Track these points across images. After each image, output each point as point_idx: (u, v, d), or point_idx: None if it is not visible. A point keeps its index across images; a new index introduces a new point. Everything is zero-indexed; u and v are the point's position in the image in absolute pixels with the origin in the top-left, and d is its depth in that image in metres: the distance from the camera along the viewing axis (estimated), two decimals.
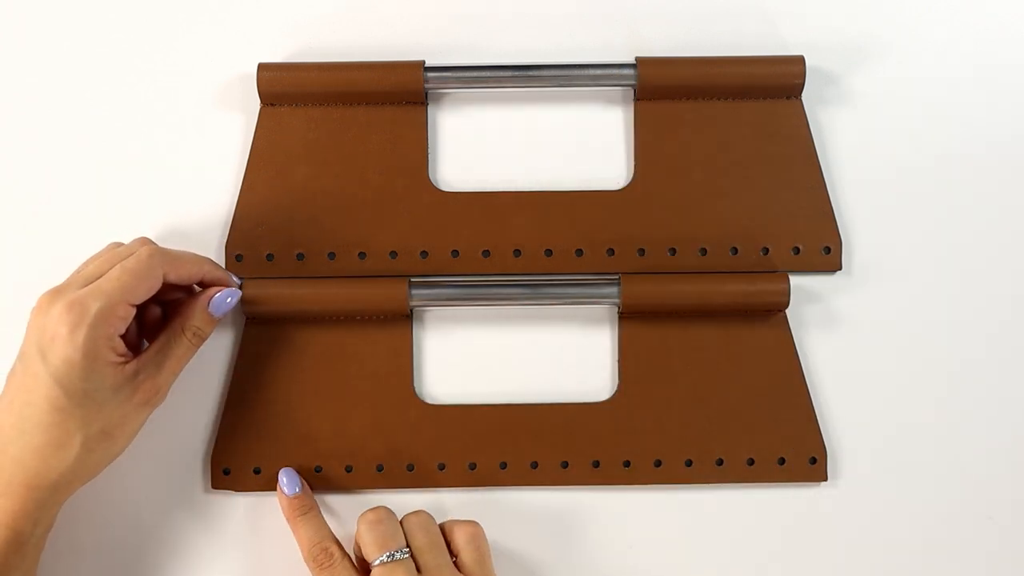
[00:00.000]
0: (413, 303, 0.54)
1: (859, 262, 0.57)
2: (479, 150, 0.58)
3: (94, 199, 0.57)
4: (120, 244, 0.52)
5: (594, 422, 0.54)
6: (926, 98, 0.59)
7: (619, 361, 0.55)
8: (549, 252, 0.56)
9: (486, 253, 0.56)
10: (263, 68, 0.56)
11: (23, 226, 0.57)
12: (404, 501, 0.54)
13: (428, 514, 0.51)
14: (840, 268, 0.57)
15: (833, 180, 0.58)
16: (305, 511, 0.52)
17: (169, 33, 0.58)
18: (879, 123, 0.59)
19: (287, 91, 0.56)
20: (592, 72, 0.57)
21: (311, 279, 0.55)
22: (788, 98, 0.57)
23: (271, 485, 0.54)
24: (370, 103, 0.57)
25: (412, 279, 0.54)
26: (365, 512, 0.51)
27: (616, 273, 0.55)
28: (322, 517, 0.52)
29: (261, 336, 0.54)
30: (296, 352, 0.54)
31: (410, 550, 0.49)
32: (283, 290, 0.53)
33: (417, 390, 0.55)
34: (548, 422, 0.54)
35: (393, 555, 0.48)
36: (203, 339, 0.51)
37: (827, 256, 0.57)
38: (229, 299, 0.51)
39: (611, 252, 0.56)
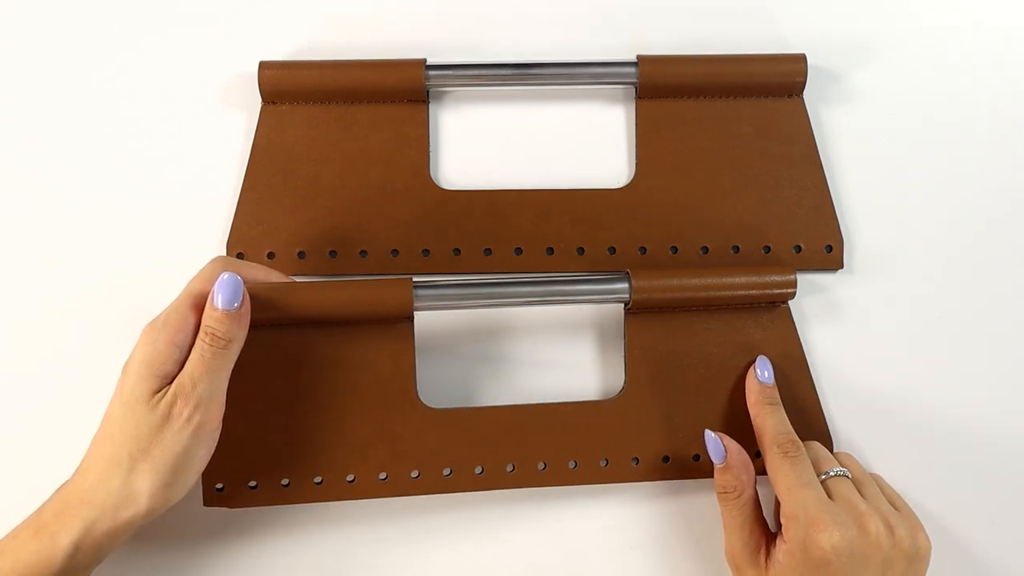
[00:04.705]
0: (418, 305, 0.52)
1: (861, 260, 0.57)
2: (480, 148, 0.58)
3: (95, 198, 0.56)
4: (230, 263, 0.50)
5: (602, 420, 0.54)
6: (927, 97, 0.59)
7: (626, 357, 0.54)
8: (551, 250, 0.56)
9: (487, 251, 0.56)
10: (264, 66, 0.56)
11: (24, 224, 0.56)
12: (407, 502, 0.54)
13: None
14: (842, 267, 0.57)
15: (835, 178, 0.58)
16: (775, 402, 0.53)
17: (170, 32, 0.58)
18: (880, 122, 0.59)
19: (288, 89, 0.56)
20: (593, 70, 0.57)
21: (311, 280, 0.54)
22: (790, 96, 0.58)
23: (267, 500, 0.52)
24: (371, 101, 0.57)
25: (416, 281, 0.52)
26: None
27: (624, 270, 0.54)
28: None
29: (258, 343, 0.51)
30: (294, 359, 0.52)
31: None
32: (283, 295, 0.50)
33: (420, 395, 0.53)
34: (556, 422, 0.53)
35: (838, 472, 0.50)
36: (222, 339, 0.46)
37: (829, 255, 0.57)
38: (226, 276, 0.47)
39: (612, 251, 0.56)
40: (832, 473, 0.50)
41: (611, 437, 0.53)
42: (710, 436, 0.51)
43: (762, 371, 0.53)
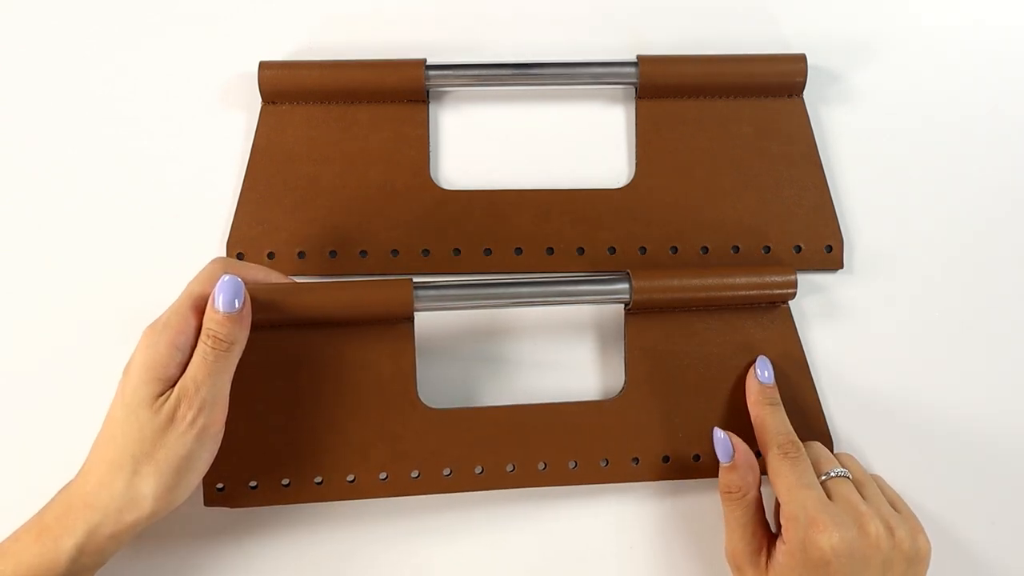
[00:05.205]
0: (418, 305, 0.52)
1: (861, 260, 0.57)
2: (480, 148, 0.58)
3: (95, 198, 0.56)
4: (230, 263, 0.49)
5: (602, 421, 0.54)
6: (927, 97, 0.59)
7: (626, 357, 0.54)
8: (550, 251, 0.56)
9: (487, 251, 0.56)
10: (264, 66, 0.56)
11: (24, 224, 0.56)
12: (407, 502, 0.54)
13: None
14: (841, 267, 0.57)
15: (835, 178, 0.58)
16: (775, 402, 0.52)
17: (170, 32, 0.58)
18: (880, 122, 0.59)
19: (288, 89, 0.56)
20: (593, 70, 0.57)
21: (311, 280, 0.54)
22: (790, 96, 0.58)
23: (268, 500, 0.52)
24: (372, 101, 0.57)
25: (416, 282, 0.52)
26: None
27: (625, 270, 0.54)
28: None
29: (258, 344, 0.50)
30: (295, 360, 0.52)
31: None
32: (283, 296, 0.50)
33: (421, 395, 0.53)
34: (556, 422, 0.53)
35: (839, 473, 0.50)
36: (223, 341, 0.46)
37: (829, 255, 0.57)
38: (227, 278, 0.46)
39: (612, 251, 0.56)
40: (832, 474, 0.50)
41: (611, 437, 0.53)
42: (719, 435, 0.51)
43: (762, 371, 0.53)
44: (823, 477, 0.50)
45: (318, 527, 0.53)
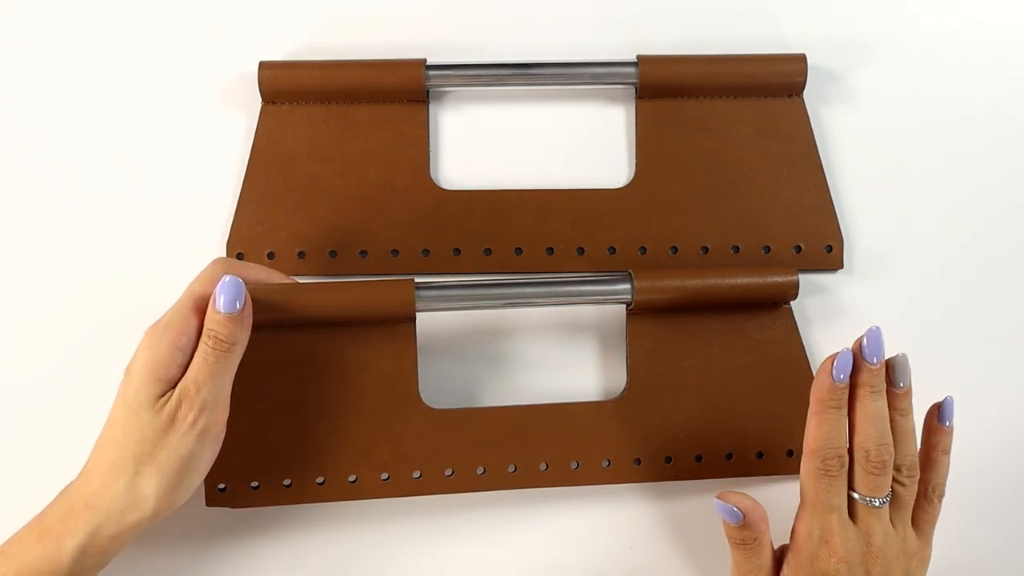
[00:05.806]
0: (420, 306, 0.51)
1: (861, 260, 0.57)
2: (480, 148, 0.58)
3: (95, 198, 0.56)
4: (231, 264, 0.49)
5: (604, 421, 0.54)
6: (927, 97, 0.60)
7: (627, 358, 0.54)
8: (551, 251, 0.56)
9: (487, 251, 0.56)
10: (264, 66, 0.56)
11: (24, 224, 0.56)
12: (408, 503, 0.54)
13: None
14: (842, 267, 0.57)
15: (835, 178, 0.58)
16: (840, 406, 0.47)
17: (170, 32, 0.58)
18: (880, 122, 0.59)
19: (288, 89, 0.56)
20: (594, 70, 0.57)
21: (311, 280, 0.54)
22: (790, 96, 0.58)
23: (269, 500, 0.52)
24: (372, 101, 0.57)
25: (418, 282, 0.52)
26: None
27: (626, 270, 0.54)
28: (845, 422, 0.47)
29: (260, 344, 0.50)
30: (296, 360, 0.52)
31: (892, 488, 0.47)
32: (285, 296, 0.50)
33: (422, 395, 0.53)
34: (558, 423, 0.53)
35: (880, 503, 0.47)
36: (224, 342, 0.46)
37: (829, 255, 0.57)
38: (228, 279, 0.46)
39: (612, 251, 0.56)
40: (876, 503, 0.47)
41: (613, 438, 0.53)
42: (720, 505, 0.48)
43: (841, 365, 0.47)
44: (876, 500, 0.47)
45: (320, 527, 0.54)
